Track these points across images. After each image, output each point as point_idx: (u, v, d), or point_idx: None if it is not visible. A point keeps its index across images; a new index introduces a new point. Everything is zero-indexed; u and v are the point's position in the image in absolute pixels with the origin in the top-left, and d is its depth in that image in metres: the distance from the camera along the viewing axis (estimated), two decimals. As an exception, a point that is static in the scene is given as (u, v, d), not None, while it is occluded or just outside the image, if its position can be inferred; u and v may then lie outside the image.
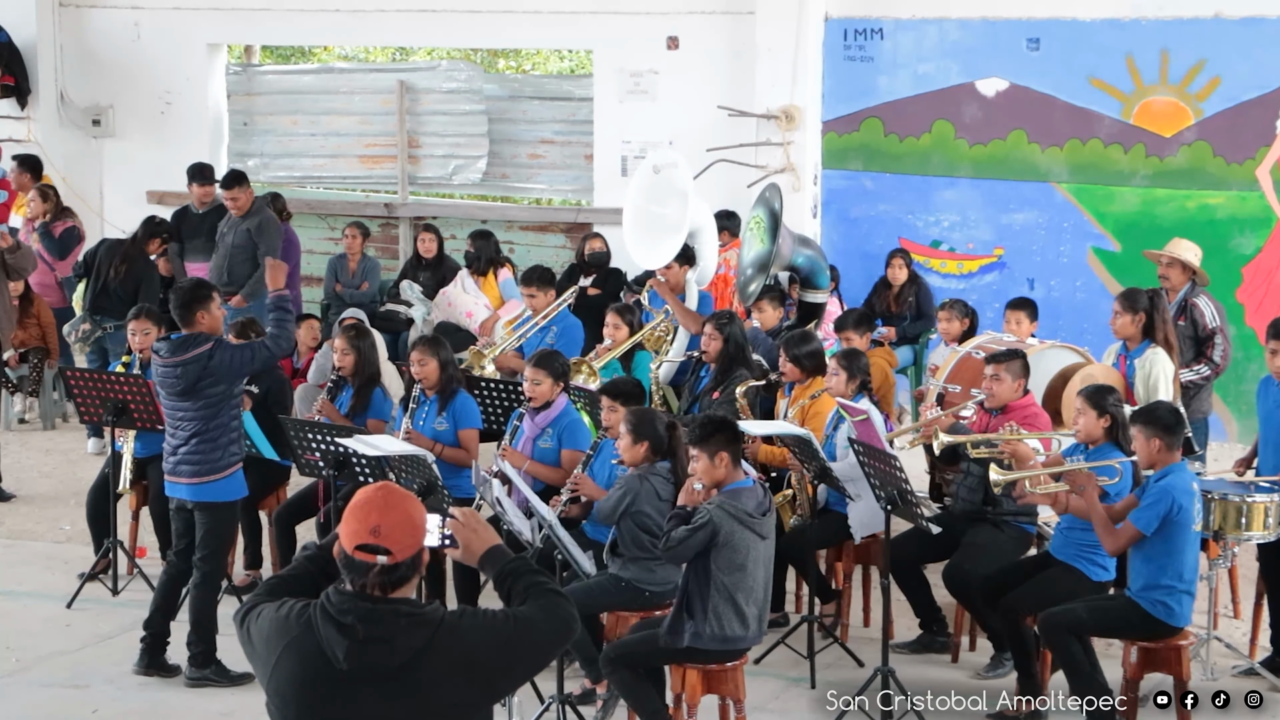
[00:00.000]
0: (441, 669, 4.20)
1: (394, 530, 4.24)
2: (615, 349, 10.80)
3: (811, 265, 11.97)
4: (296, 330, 10.12)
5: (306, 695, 4.22)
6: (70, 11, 16.37)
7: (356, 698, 4.18)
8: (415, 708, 4.20)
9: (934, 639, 8.74)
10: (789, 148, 13.96)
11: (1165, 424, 7.68)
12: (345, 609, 4.20)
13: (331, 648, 4.18)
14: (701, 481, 7.30)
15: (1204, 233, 12.30)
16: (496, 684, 4.31)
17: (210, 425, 8.37)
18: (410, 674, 4.18)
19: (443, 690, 4.20)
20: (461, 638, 4.23)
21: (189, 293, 8.52)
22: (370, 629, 4.17)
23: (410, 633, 4.18)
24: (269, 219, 13.39)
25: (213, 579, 8.56)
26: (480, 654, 4.22)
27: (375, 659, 4.17)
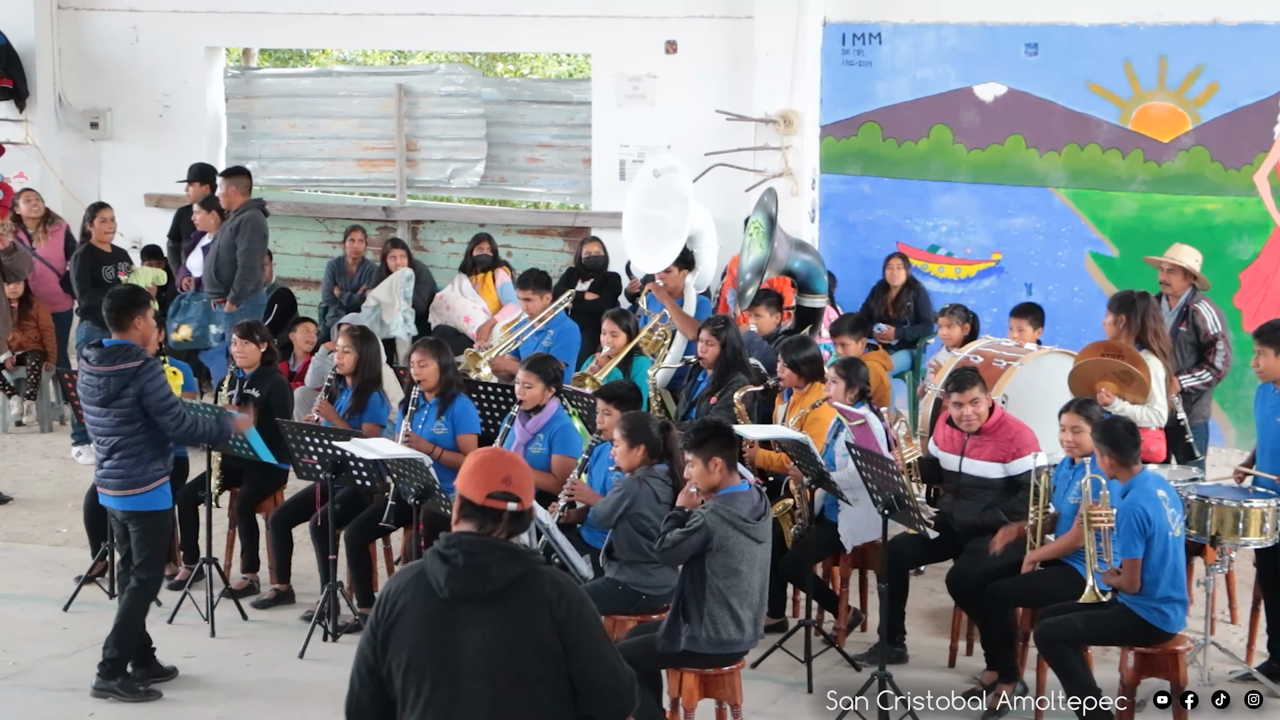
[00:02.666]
0: (530, 605, 4.63)
1: (521, 480, 4.78)
2: (615, 357, 10.79)
3: (809, 270, 11.96)
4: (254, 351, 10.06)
5: (420, 626, 4.67)
6: (69, 14, 16.37)
7: (458, 620, 4.63)
8: (506, 635, 4.62)
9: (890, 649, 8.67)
10: (787, 152, 13.97)
11: (1117, 441, 7.68)
12: (451, 543, 4.70)
13: (436, 578, 4.67)
14: (696, 486, 7.30)
15: (1202, 238, 12.31)
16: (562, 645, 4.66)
17: (130, 440, 8.28)
18: (502, 602, 4.62)
19: (530, 626, 4.62)
20: (552, 585, 4.67)
21: (125, 298, 8.43)
22: (469, 558, 4.64)
23: (505, 565, 4.65)
24: (248, 220, 13.24)
25: (148, 587, 8.49)
26: (559, 609, 4.64)
27: (471, 585, 4.63)
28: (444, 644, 4.66)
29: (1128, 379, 9.26)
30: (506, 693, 4.65)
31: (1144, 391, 9.24)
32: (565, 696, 4.70)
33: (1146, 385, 9.25)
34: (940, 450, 8.94)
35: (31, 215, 13.84)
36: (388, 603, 4.74)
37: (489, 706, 4.64)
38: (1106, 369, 9.32)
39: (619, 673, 4.77)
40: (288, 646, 9.10)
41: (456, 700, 4.65)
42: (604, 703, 4.77)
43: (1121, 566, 7.62)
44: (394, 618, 4.73)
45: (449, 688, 4.66)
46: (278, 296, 14.55)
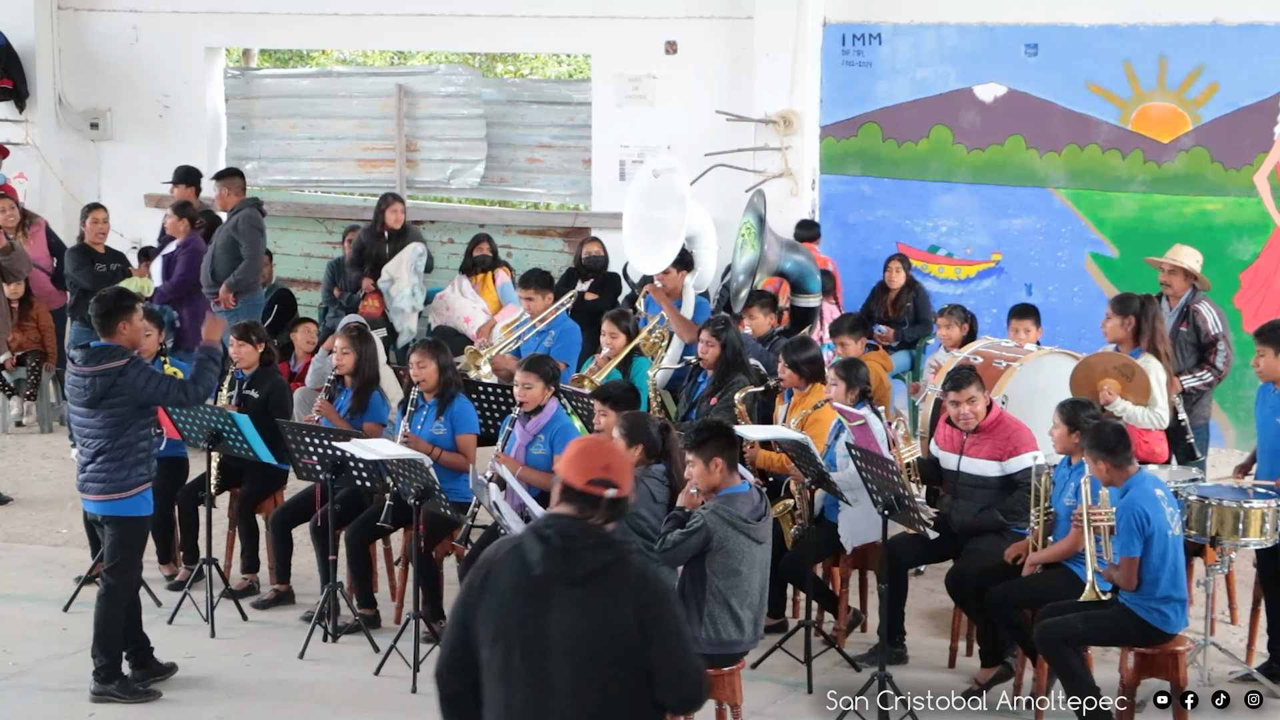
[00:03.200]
0: (615, 591, 4.81)
1: (621, 469, 4.98)
2: (614, 358, 10.79)
3: (800, 270, 11.96)
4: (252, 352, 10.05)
5: (510, 597, 4.86)
6: (69, 15, 16.37)
7: (547, 598, 4.82)
8: (591, 618, 4.81)
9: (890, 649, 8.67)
10: (787, 153, 13.97)
11: (1108, 445, 7.69)
12: (549, 524, 4.90)
13: (531, 555, 4.85)
14: (697, 486, 7.30)
15: (1202, 239, 12.31)
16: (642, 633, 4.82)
17: (116, 444, 8.24)
18: (591, 586, 4.81)
19: (614, 611, 4.81)
20: (638, 574, 4.85)
21: (111, 302, 8.38)
22: (565, 541, 4.84)
23: (596, 551, 4.85)
24: (246, 218, 13.29)
25: (118, 592, 8.43)
26: (643, 598, 4.82)
27: (563, 566, 4.82)
28: (531, 619, 4.85)
29: (1130, 375, 9.27)
30: (585, 671, 4.82)
31: (1145, 393, 9.25)
32: (641, 681, 4.86)
33: (1148, 386, 9.26)
34: (940, 450, 8.95)
35: (8, 224, 13.76)
36: (483, 568, 4.95)
37: (569, 682, 4.82)
38: (1108, 365, 9.33)
39: (693, 664, 4.93)
40: (288, 647, 9.10)
41: (538, 673, 4.83)
42: (676, 690, 4.90)
43: (1119, 566, 7.62)
44: (487, 585, 4.92)
45: (532, 660, 4.84)
46: (277, 297, 14.55)
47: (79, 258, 13.00)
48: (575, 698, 4.82)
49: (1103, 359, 9.47)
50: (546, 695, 4.83)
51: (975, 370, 9.04)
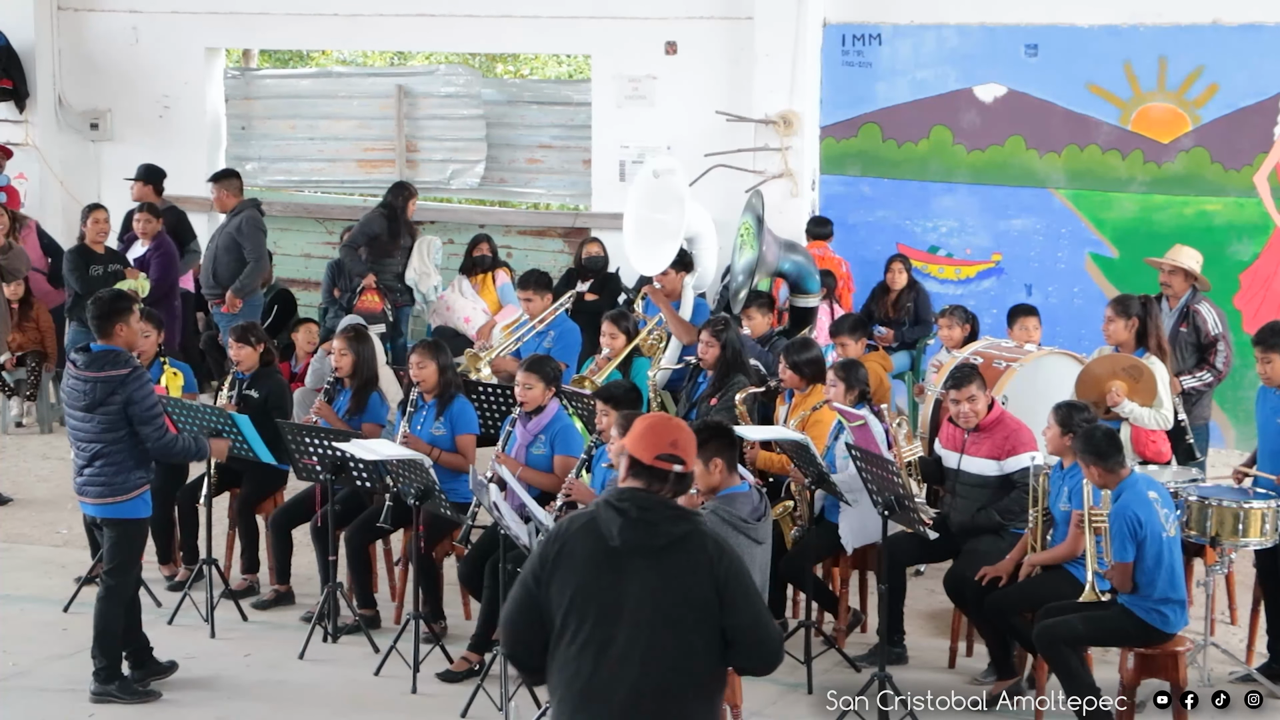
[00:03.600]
0: (691, 561, 5.04)
1: (687, 445, 5.21)
2: (615, 359, 10.78)
3: (799, 270, 11.96)
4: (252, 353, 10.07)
5: (586, 568, 5.07)
6: (69, 15, 16.37)
7: (626, 569, 5.04)
8: (667, 586, 5.02)
9: (890, 649, 8.66)
10: (787, 153, 13.98)
11: (1099, 450, 7.69)
12: (625, 497, 5.13)
13: (609, 527, 5.07)
14: (696, 486, 7.30)
15: (1202, 239, 12.31)
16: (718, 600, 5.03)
17: (113, 448, 8.22)
18: (667, 556, 5.04)
19: (689, 580, 5.03)
20: (713, 545, 5.08)
21: (108, 304, 8.37)
22: (642, 513, 5.07)
23: (672, 523, 5.08)
24: (250, 219, 13.37)
25: (117, 593, 8.42)
26: (718, 567, 5.04)
27: (641, 537, 5.05)
28: (609, 587, 5.06)
29: (1137, 376, 9.27)
30: (660, 637, 5.02)
31: (1152, 394, 9.25)
32: (714, 647, 5.06)
33: (1154, 386, 9.26)
34: (942, 448, 8.96)
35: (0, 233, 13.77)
36: (557, 541, 5.16)
37: (643, 648, 5.02)
38: (1115, 366, 9.33)
39: (769, 628, 5.13)
40: (288, 647, 9.10)
41: (613, 639, 5.03)
42: (754, 654, 5.12)
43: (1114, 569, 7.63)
44: (562, 557, 5.13)
45: (608, 627, 5.04)
46: (277, 298, 14.56)
47: (75, 259, 12.97)
48: (644, 664, 5.02)
49: (1108, 361, 9.46)
50: (618, 662, 5.02)
51: (977, 369, 9.05)
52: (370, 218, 14.00)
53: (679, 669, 5.04)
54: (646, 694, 5.02)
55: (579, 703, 5.06)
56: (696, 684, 5.07)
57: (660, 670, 5.02)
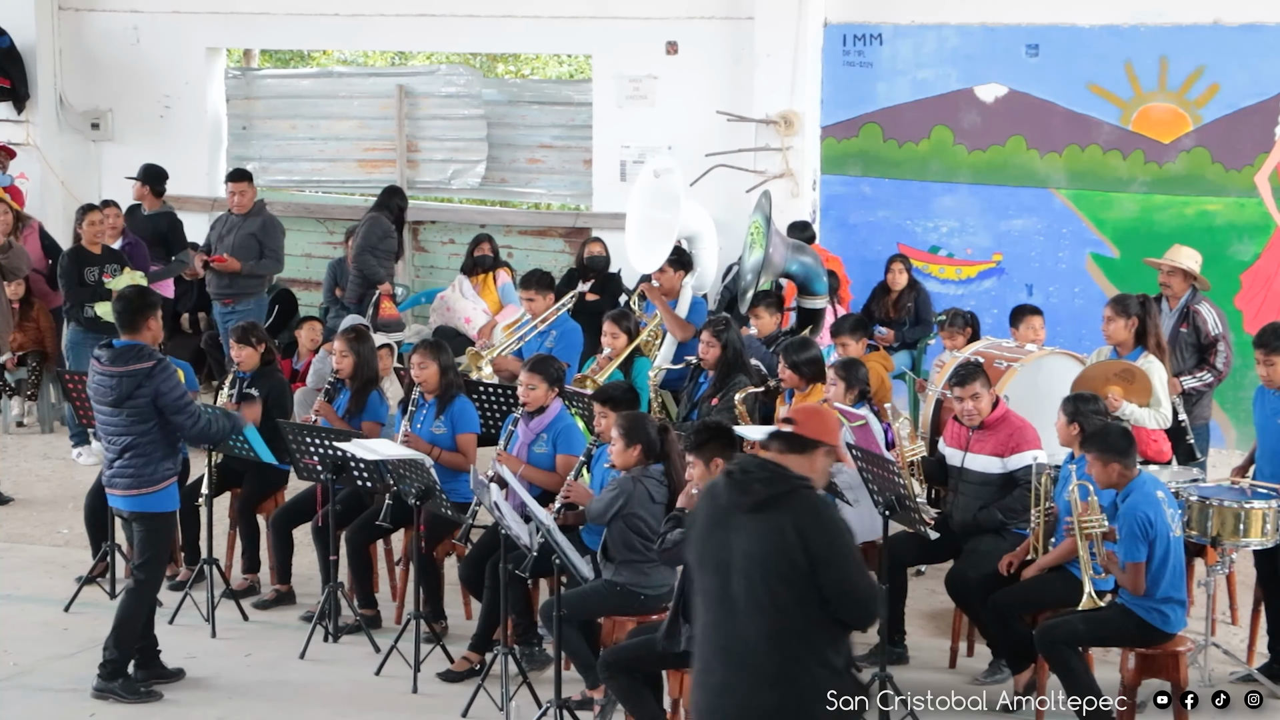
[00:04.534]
0: (784, 519, 5.40)
1: (809, 419, 5.73)
2: (616, 358, 10.78)
3: (806, 272, 11.96)
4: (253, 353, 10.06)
5: (703, 525, 5.60)
6: (70, 15, 16.38)
7: (729, 524, 5.49)
8: (763, 542, 5.40)
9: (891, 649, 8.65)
10: (788, 153, 13.97)
11: (1119, 447, 7.71)
12: (740, 461, 5.69)
13: (720, 488, 5.57)
14: (698, 487, 7.30)
15: (1202, 239, 12.31)
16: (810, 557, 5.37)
17: (143, 439, 8.29)
18: (761, 514, 5.44)
19: (782, 536, 5.38)
20: (807, 505, 5.46)
21: (137, 300, 8.44)
22: (743, 475, 5.53)
23: (770, 484, 5.48)
24: (270, 219, 13.46)
25: (146, 588, 8.48)
26: (810, 526, 5.39)
27: (739, 496, 5.49)
28: (718, 543, 5.52)
29: (1130, 378, 9.27)
30: (760, 589, 5.39)
31: (1146, 394, 9.25)
32: (809, 600, 5.38)
33: (1149, 387, 9.26)
34: (946, 446, 8.96)
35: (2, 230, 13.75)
36: (691, 510, 5.87)
37: (746, 598, 5.41)
38: (1107, 373, 9.33)
39: (862, 584, 5.45)
40: (288, 647, 9.10)
41: (724, 590, 5.48)
42: (849, 608, 5.42)
43: (1125, 571, 7.62)
44: (692, 520, 5.76)
45: (720, 579, 5.49)
46: (278, 297, 14.57)
47: (70, 262, 12.90)
48: (752, 614, 5.40)
49: (1100, 368, 9.46)
50: (730, 612, 5.45)
51: (981, 366, 9.04)
52: (375, 221, 13.80)
53: (782, 619, 5.38)
54: (756, 641, 5.40)
55: (703, 649, 5.59)
56: (799, 634, 5.40)
57: (766, 620, 5.39)
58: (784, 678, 5.39)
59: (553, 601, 7.80)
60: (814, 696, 5.39)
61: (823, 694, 5.40)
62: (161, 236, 13.85)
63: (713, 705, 5.52)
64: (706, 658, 5.57)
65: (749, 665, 5.42)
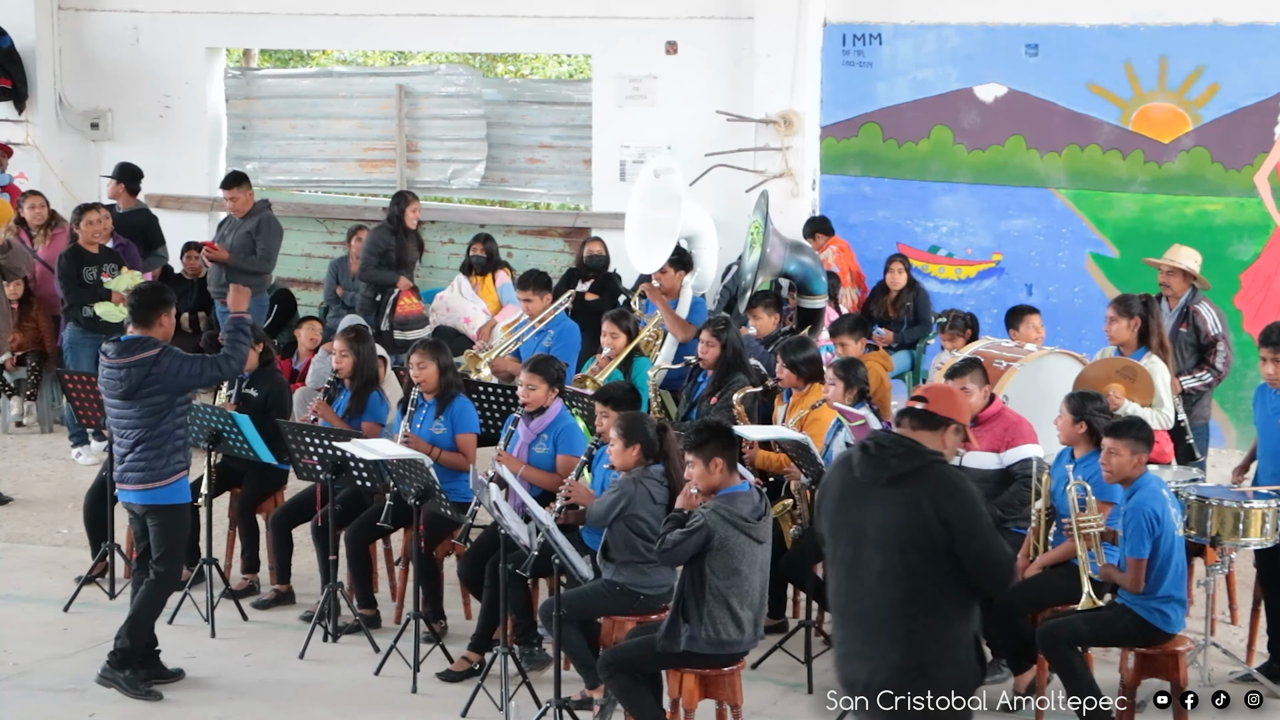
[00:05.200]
0: (919, 493, 5.69)
1: (939, 396, 6.00)
2: (616, 358, 10.78)
3: (805, 272, 11.97)
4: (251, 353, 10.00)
5: (838, 497, 5.93)
6: (69, 15, 16.38)
7: (863, 497, 5.80)
8: (897, 514, 5.71)
9: None
10: (787, 153, 13.98)
11: (1147, 439, 7.77)
12: (874, 436, 5.97)
13: (854, 461, 5.88)
14: (696, 486, 7.31)
15: (1202, 239, 12.32)
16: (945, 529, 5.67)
17: (154, 433, 8.31)
18: (897, 488, 5.74)
19: (916, 509, 5.68)
20: (942, 479, 5.75)
21: (152, 295, 8.50)
22: (878, 450, 5.82)
23: (903, 459, 5.77)
24: (268, 220, 13.46)
25: (167, 581, 8.52)
26: (943, 500, 5.68)
27: (874, 471, 5.79)
28: (852, 514, 5.84)
29: (1132, 377, 9.27)
30: (893, 559, 5.71)
31: (1149, 393, 9.25)
32: (942, 570, 5.68)
33: (1151, 386, 9.26)
34: None
35: (36, 221, 13.80)
36: (825, 479, 6.12)
37: (879, 566, 5.73)
38: (1110, 370, 9.33)
39: (994, 556, 5.72)
40: (288, 647, 9.10)
41: (858, 559, 5.79)
42: (987, 576, 5.72)
43: (1126, 566, 7.62)
44: (824, 490, 6.06)
45: (853, 548, 5.82)
46: (277, 297, 14.57)
47: (68, 262, 12.88)
48: (884, 583, 5.72)
49: (1103, 366, 9.46)
50: (862, 581, 5.77)
51: (979, 361, 9.00)
52: (374, 235, 13.81)
53: (913, 587, 5.70)
54: (887, 608, 5.72)
55: (837, 615, 5.96)
56: (930, 602, 5.71)
57: (897, 587, 5.71)
58: (912, 644, 5.71)
59: (552, 601, 7.80)
60: (940, 662, 5.72)
61: (948, 660, 5.72)
62: (139, 234, 13.83)
63: (846, 670, 5.89)
64: (840, 625, 5.95)
65: (880, 632, 5.75)
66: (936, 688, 5.70)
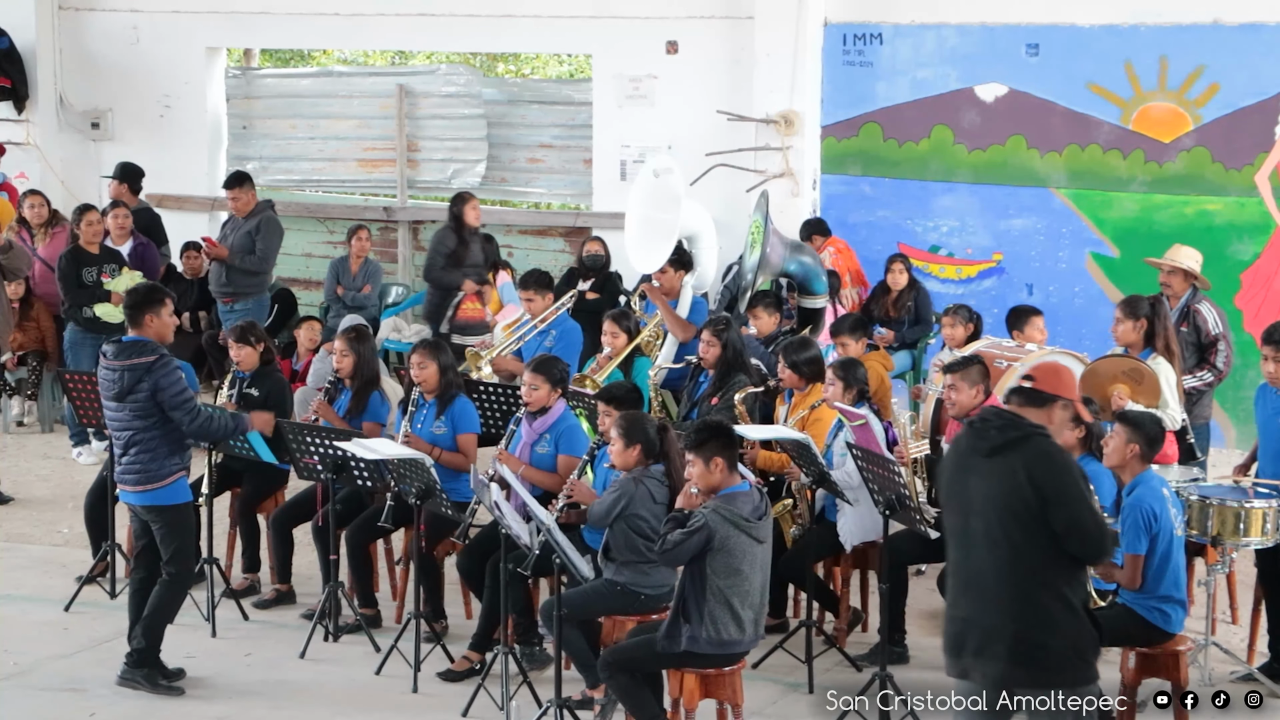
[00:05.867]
0: (1017, 463, 6.00)
1: (1046, 374, 6.29)
2: (616, 358, 10.78)
3: (805, 272, 11.96)
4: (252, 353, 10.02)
5: (949, 470, 6.33)
6: (69, 15, 16.37)
7: (971, 468, 6.14)
8: (997, 483, 6.03)
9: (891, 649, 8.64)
10: (788, 153, 13.97)
11: (1150, 434, 7.77)
12: (980, 413, 6.33)
13: (962, 435, 6.30)
14: (697, 486, 7.31)
15: (1202, 239, 12.31)
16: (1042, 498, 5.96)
17: (147, 435, 8.32)
18: (995, 458, 6.06)
19: (1014, 478, 5.99)
20: (1039, 450, 6.03)
21: (143, 295, 8.50)
22: (982, 423, 6.20)
23: (1002, 430, 6.10)
24: (268, 220, 13.45)
25: (180, 580, 8.51)
26: (1039, 470, 5.97)
27: (977, 442, 6.15)
28: (960, 485, 6.19)
29: (1138, 378, 9.26)
30: (995, 526, 6.02)
31: (1155, 395, 9.24)
32: (1041, 536, 5.96)
33: (1157, 388, 9.25)
34: (946, 443, 8.95)
35: (36, 221, 13.80)
36: (945, 454, 6.54)
37: (983, 533, 6.05)
38: (1116, 370, 9.32)
39: (1090, 522, 5.99)
40: (288, 647, 9.10)
41: (966, 527, 6.14)
42: (1077, 543, 5.99)
43: (1123, 563, 7.62)
44: (942, 466, 6.44)
45: (963, 517, 6.16)
46: (277, 297, 14.56)
47: (68, 263, 12.88)
48: (989, 550, 6.03)
49: (1109, 364, 9.46)
50: (970, 549, 6.11)
51: (980, 360, 8.98)
52: (438, 236, 13.77)
53: (1016, 554, 5.98)
54: (993, 575, 6.02)
55: (953, 583, 6.26)
56: (1033, 568, 5.98)
57: (1001, 555, 6.00)
58: (1018, 609, 5.97)
59: (553, 601, 7.80)
60: (1047, 627, 5.97)
61: (1055, 626, 5.96)
62: (142, 234, 13.83)
63: (957, 636, 6.18)
64: (953, 591, 6.26)
65: (987, 598, 6.04)
66: (1046, 650, 5.96)
